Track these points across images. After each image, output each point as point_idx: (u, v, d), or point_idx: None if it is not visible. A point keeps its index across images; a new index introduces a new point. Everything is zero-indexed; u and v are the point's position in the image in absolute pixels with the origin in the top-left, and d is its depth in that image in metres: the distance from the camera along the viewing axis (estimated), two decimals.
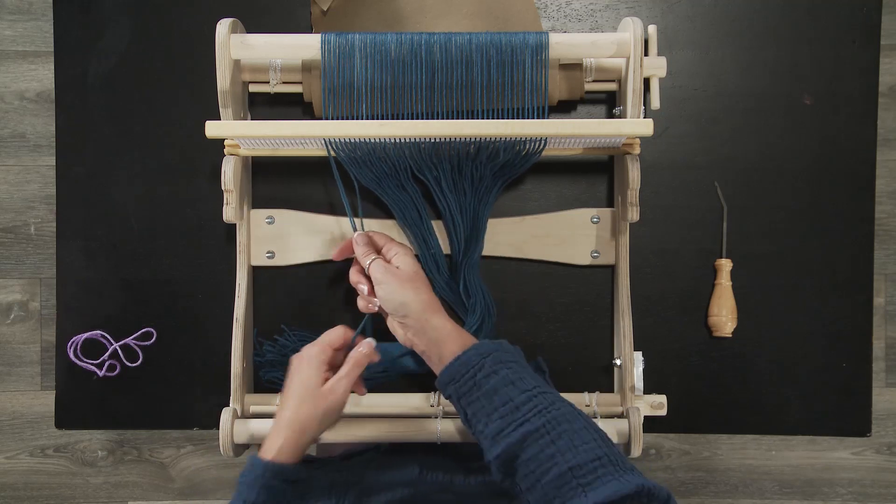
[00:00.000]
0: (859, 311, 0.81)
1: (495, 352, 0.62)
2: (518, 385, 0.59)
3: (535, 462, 0.55)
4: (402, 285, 0.66)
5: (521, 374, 0.60)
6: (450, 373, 0.62)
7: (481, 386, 0.59)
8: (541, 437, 0.55)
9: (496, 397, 0.58)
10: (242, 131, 0.69)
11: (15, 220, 1.48)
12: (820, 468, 1.51)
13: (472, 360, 0.61)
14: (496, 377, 0.59)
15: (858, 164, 0.80)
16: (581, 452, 0.54)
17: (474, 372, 0.60)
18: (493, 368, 0.60)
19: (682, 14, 0.81)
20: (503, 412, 0.57)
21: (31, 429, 1.51)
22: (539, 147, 0.73)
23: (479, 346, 0.62)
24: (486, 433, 0.58)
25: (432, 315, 0.65)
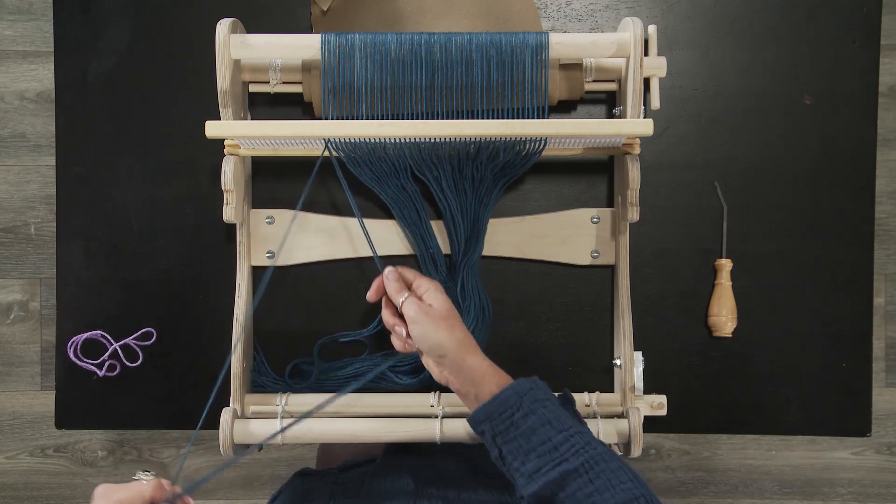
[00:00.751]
0: (859, 311, 0.81)
1: (531, 390, 0.62)
2: (555, 425, 0.59)
3: (573, 500, 0.56)
4: (436, 325, 0.65)
5: (556, 412, 0.61)
6: (486, 411, 0.62)
7: (519, 426, 0.60)
8: (579, 477, 0.56)
9: (533, 437, 0.59)
10: (242, 131, 0.69)
11: (15, 220, 1.48)
12: (820, 468, 1.52)
13: (510, 400, 0.61)
14: (534, 417, 0.60)
15: (858, 164, 0.80)
16: (619, 492, 0.55)
17: (512, 412, 0.60)
18: (530, 408, 0.60)
19: (682, 14, 0.81)
20: (541, 451, 0.58)
21: (31, 429, 1.51)
22: (539, 147, 0.73)
23: (516, 385, 0.62)
24: (523, 471, 0.59)
25: (468, 354, 0.65)
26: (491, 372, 0.64)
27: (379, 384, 0.79)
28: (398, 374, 0.79)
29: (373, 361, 0.79)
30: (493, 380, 0.63)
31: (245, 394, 0.77)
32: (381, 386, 0.79)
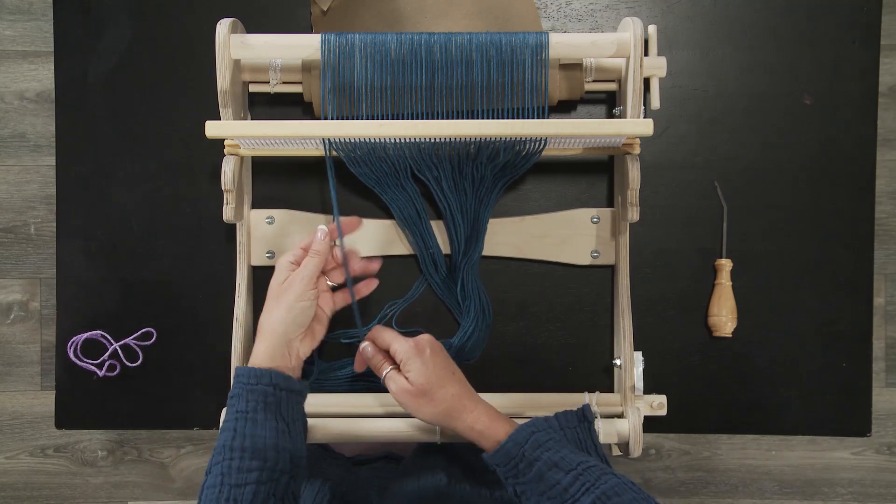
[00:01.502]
0: (859, 311, 0.81)
1: (532, 436, 0.62)
2: (562, 466, 0.59)
3: None
4: (416, 403, 0.65)
5: (561, 453, 0.60)
6: (493, 461, 0.62)
7: (525, 474, 0.60)
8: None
9: (542, 483, 0.59)
10: (242, 131, 0.69)
11: (15, 220, 1.48)
12: (820, 468, 1.51)
13: (512, 452, 0.61)
14: (538, 464, 0.60)
15: (858, 164, 0.80)
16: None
17: (515, 463, 0.61)
18: (533, 456, 0.60)
19: (682, 14, 0.81)
20: (552, 494, 0.58)
21: (31, 429, 1.51)
22: (539, 147, 0.73)
23: (514, 436, 0.62)
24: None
25: (457, 419, 0.65)
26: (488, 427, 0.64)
27: (379, 384, 0.79)
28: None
29: None
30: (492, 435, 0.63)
31: None
32: (382, 386, 0.79)
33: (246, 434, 0.58)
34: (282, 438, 0.60)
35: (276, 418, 0.60)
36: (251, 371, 0.62)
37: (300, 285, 0.65)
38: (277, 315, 0.65)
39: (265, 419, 0.59)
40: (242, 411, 0.60)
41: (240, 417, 0.59)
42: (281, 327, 0.64)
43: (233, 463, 0.57)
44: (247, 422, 0.59)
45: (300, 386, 0.64)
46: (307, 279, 0.65)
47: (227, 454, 0.58)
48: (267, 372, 0.61)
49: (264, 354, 0.63)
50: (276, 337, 0.64)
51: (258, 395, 0.60)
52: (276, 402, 0.61)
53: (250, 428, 0.59)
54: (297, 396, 0.63)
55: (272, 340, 0.64)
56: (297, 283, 0.65)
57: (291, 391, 0.62)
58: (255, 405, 0.60)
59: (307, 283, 0.65)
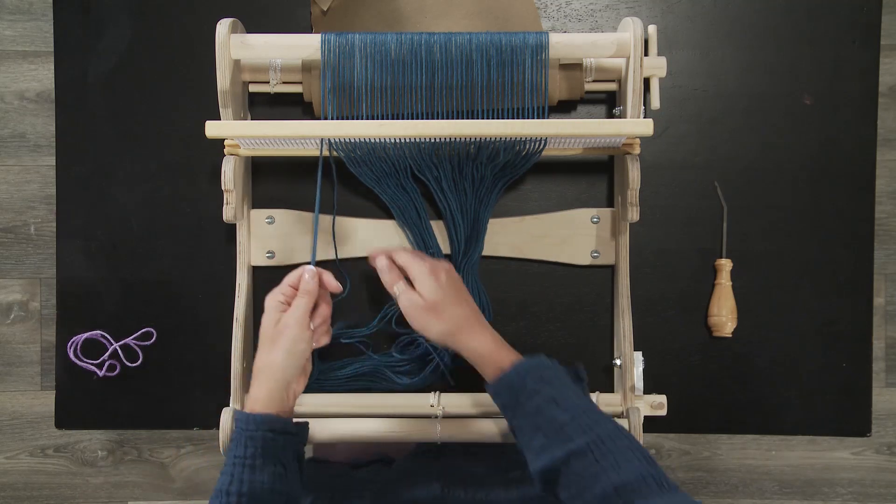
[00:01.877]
0: (859, 311, 0.81)
1: (535, 369, 0.62)
2: (561, 404, 0.59)
3: (579, 478, 0.56)
4: (426, 317, 0.66)
5: (562, 391, 0.61)
6: (493, 391, 0.63)
7: (524, 405, 0.60)
8: (585, 456, 0.56)
9: (539, 417, 0.59)
10: (242, 131, 0.69)
11: (15, 220, 1.48)
12: (820, 468, 1.51)
13: (514, 382, 0.62)
14: (538, 396, 0.60)
15: (858, 164, 0.80)
16: (624, 471, 0.55)
17: (516, 393, 0.61)
18: (534, 388, 0.61)
19: (682, 14, 0.81)
20: (547, 431, 0.58)
21: (31, 429, 1.51)
22: (539, 147, 0.73)
23: (518, 366, 0.63)
24: (531, 447, 0.59)
25: (464, 337, 0.66)
26: (493, 352, 0.65)
27: (379, 384, 0.79)
28: (398, 374, 0.79)
29: (372, 361, 0.79)
30: (495, 362, 0.64)
31: (245, 394, 0.77)
32: (381, 386, 0.79)
33: (244, 480, 0.59)
34: (279, 482, 0.60)
35: (273, 463, 0.61)
36: (249, 417, 0.62)
37: (296, 328, 0.65)
38: (276, 359, 0.65)
39: (263, 465, 0.60)
40: (241, 457, 0.60)
41: (237, 463, 0.60)
42: (280, 372, 0.65)
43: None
44: (244, 468, 0.60)
45: (297, 428, 0.65)
46: (302, 320, 0.66)
47: (224, 498, 0.59)
48: (265, 418, 0.62)
49: (265, 399, 0.63)
50: (276, 381, 0.64)
51: (257, 442, 0.61)
52: (274, 447, 0.61)
53: (248, 474, 0.59)
54: (295, 438, 0.64)
55: (272, 385, 0.64)
56: (293, 325, 0.65)
57: (290, 434, 0.63)
58: (253, 451, 0.60)
59: (303, 325, 0.66)
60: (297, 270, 0.68)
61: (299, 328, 0.65)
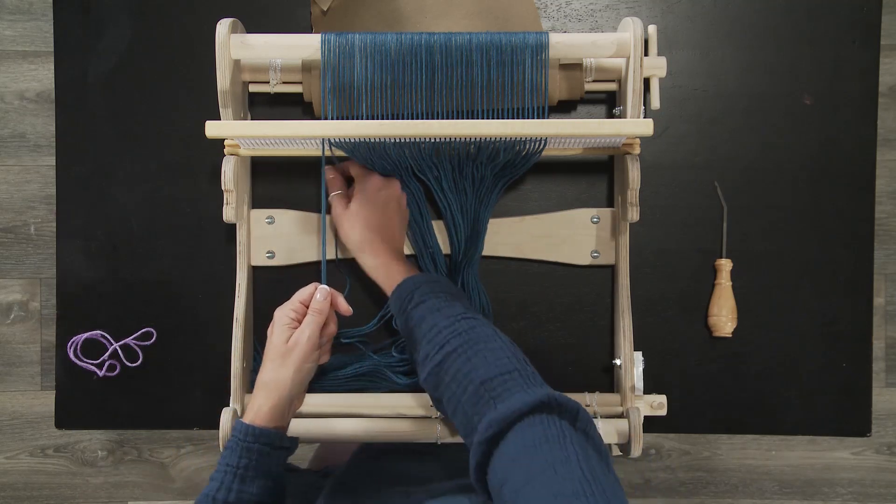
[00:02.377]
0: (859, 311, 0.81)
1: (425, 283, 0.65)
2: (443, 311, 0.62)
3: (455, 382, 0.57)
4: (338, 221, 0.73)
5: (450, 302, 0.63)
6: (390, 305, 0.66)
7: (412, 317, 0.63)
8: (458, 357, 0.57)
9: (423, 325, 0.61)
10: (242, 131, 0.69)
11: (15, 220, 1.48)
12: (820, 468, 1.52)
13: (403, 294, 0.65)
14: (423, 306, 0.63)
15: (858, 164, 0.80)
16: (493, 367, 0.56)
17: (405, 304, 0.64)
18: (420, 298, 0.63)
19: (682, 14, 0.81)
20: (429, 337, 0.60)
21: (31, 429, 1.51)
22: (539, 147, 0.73)
23: (410, 279, 0.66)
24: (417, 360, 0.61)
25: (363, 254, 0.71)
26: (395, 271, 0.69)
27: (379, 384, 0.79)
28: (398, 374, 0.79)
29: (372, 361, 0.79)
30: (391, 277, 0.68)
31: (245, 394, 0.77)
32: (381, 386, 0.79)
33: (232, 489, 0.60)
34: (266, 495, 0.61)
35: (264, 476, 0.61)
36: (249, 429, 0.62)
37: (307, 346, 0.65)
38: (285, 376, 0.65)
39: (255, 477, 0.61)
40: (233, 466, 0.61)
41: (229, 471, 0.60)
42: (287, 389, 0.65)
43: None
44: (235, 477, 0.60)
45: (290, 443, 0.65)
46: (313, 339, 0.66)
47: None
48: (264, 432, 0.62)
49: (268, 414, 0.64)
50: (281, 398, 0.65)
51: (252, 454, 0.61)
52: (268, 461, 0.62)
53: (238, 484, 0.60)
54: (288, 452, 0.64)
55: (277, 400, 0.64)
56: (304, 344, 0.65)
57: (284, 448, 0.64)
58: (247, 462, 0.61)
59: (313, 344, 0.66)
60: (308, 287, 0.69)
61: (310, 347, 0.66)
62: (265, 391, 0.65)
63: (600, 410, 0.76)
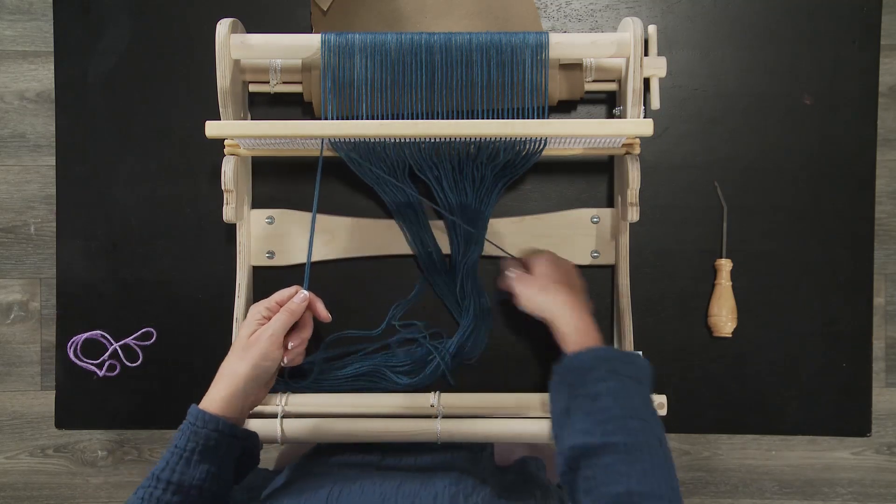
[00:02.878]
0: (859, 311, 0.81)
1: (611, 360, 0.63)
2: (619, 400, 0.61)
3: (603, 470, 0.57)
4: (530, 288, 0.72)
5: (627, 389, 0.62)
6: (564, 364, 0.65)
7: (587, 387, 0.62)
8: (618, 453, 0.57)
9: (596, 403, 0.60)
10: (242, 131, 0.69)
11: (15, 220, 1.48)
12: (820, 468, 1.52)
13: (586, 363, 0.63)
14: (603, 384, 0.61)
15: (858, 164, 0.80)
16: (647, 482, 0.56)
17: (585, 373, 0.63)
18: (602, 376, 0.62)
19: (682, 14, 0.81)
20: (596, 417, 0.60)
21: (31, 429, 1.51)
22: (539, 147, 0.73)
23: (597, 349, 0.65)
24: (573, 425, 0.60)
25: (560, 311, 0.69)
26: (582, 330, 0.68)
27: (379, 384, 0.79)
28: (398, 374, 0.79)
29: (372, 361, 0.79)
30: (583, 337, 0.67)
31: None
32: (381, 386, 0.79)
33: (176, 470, 0.60)
34: (210, 481, 0.61)
35: (210, 462, 0.61)
36: (199, 414, 0.62)
37: (267, 343, 0.66)
38: (242, 370, 0.65)
39: (199, 461, 0.61)
40: (181, 448, 0.61)
41: (175, 453, 0.61)
42: (243, 382, 0.65)
43: (155, 493, 0.59)
44: (181, 459, 0.60)
45: (244, 433, 0.65)
46: (276, 336, 0.66)
47: (153, 482, 0.59)
48: (215, 419, 0.62)
49: (220, 402, 0.64)
50: (235, 389, 0.65)
51: (200, 439, 0.61)
52: (215, 447, 0.62)
53: (182, 466, 0.60)
54: (238, 443, 0.64)
55: (231, 391, 0.65)
56: (265, 340, 0.66)
57: (234, 437, 0.63)
58: (194, 446, 0.61)
59: (275, 341, 0.66)
60: (288, 289, 0.69)
61: (270, 344, 0.66)
62: (222, 381, 0.65)
63: None
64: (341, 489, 0.62)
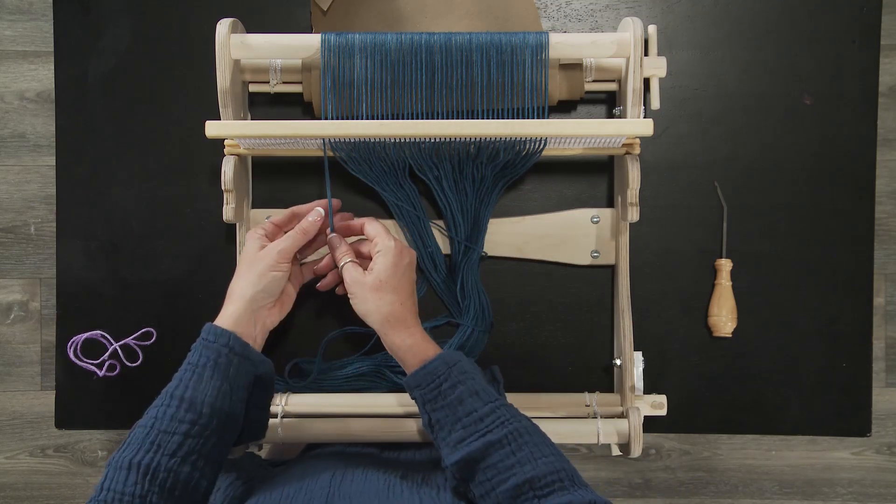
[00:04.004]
0: (859, 311, 0.81)
1: (458, 363, 0.63)
2: (482, 396, 0.61)
3: (494, 470, 0.57)
4: (364, 296, 0.66)
5: (483, 385, 0.62)
6: (416, 379, 0.63)
7: (447, 395, 0.61)
8: (502, 448, 0.57)
9: (460, 407, 0.60)
10: (242, 131, 0.69)
11: (15, 220, 1.48)
12: (820, 468, 1.51)
13: (439, 370, 0.62)
14: (461, 387, 0.61)
15: (858, 164, 0.80)
16: (540, 465, 0.56)
17: (440, 381, 0.61)
18: (458, 379, 0.61)
19: (682, 14, 0.81)
20: (466, 422, 0.59)
21: (31, 429, 1.51)
22: (539, 147, 0.73)
23: (444, 355, 0.63)
24: (449, 441, 0.60)
25: (391, 331, 0.66)
26: (417, 343, 0.65)
27: (379, 384, 0.79)
28: (398, 374, 0.79)
29: (372, 361, 0.79)
30: (418, 355, 0.64)
31: None
32: (381, 386, 0.79)
33: (189, 386, 0.59)
34: (221, 399, 0.60)
35: (221, 379, 0.60)
36: (211, 329, 0.63)
37: (276, 256, 0.66)
38: (248, 280, 0.66)
39: (211, 376, 0.60)
40: (193, 364, 0.61)
41: (188, 369, 0.61)
42: (250, 293, 0.65)
43: (168, 410, 0.58)
44: (193, 374, 0.60)
45: (257, 356, 0.64)
46: (285, 251, 0.67)
47: (167, 400, 0.59)
48: (226, 333, 0.62)
49: (230, 317, 0.64)
50: (244, 302, 0.65)
51: (212, 353, 0.61)
52: (227, 363, 0.61)
53: (195, 382, 0.60)
54: (251, 366, 0.63)
55: (239, 305, 0.65)
56: (274, 253, 0.66)
57: (245, 358, 0.63)
58: (205, 361, 0.61)
59: (284, 256, 0.67)
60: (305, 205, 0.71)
61: (279, 257, 0.66)
62: (230, 300, 0.66)
63: (600, 410, 0.76)
64: (344, 474, 0.62)
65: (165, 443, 0.57)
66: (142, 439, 0.57)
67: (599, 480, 1.51)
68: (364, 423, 0.74)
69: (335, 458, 0.68)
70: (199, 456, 0.58)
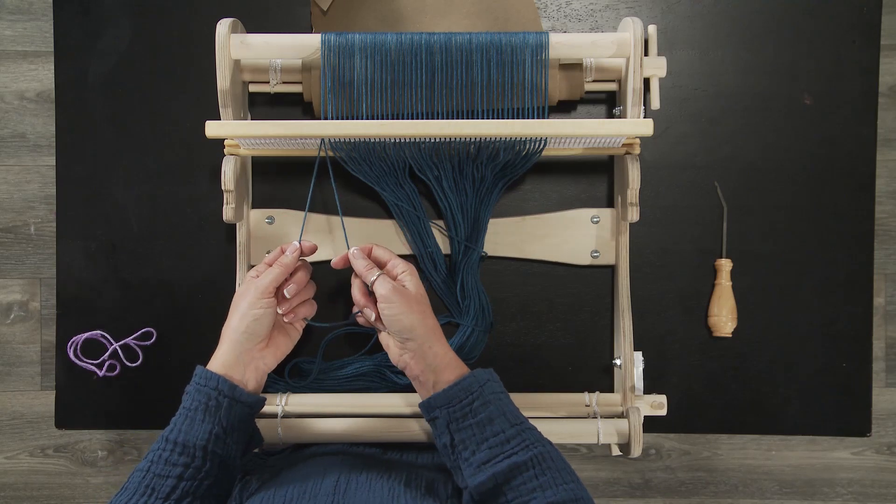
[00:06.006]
0: (859, 310, 0.81)
1: (489, 381, 0.63)
2: (509, 418, 0.61)
3: (515, 493, 0.57)
4: (410, 307, 0.65)
5: (510, 406, 0.62)
6: (447, 396, 0.62)
7: (477, 413, 0.61)
8: (526, 471, 0.58)
9: (489, 427, 0.60)
10: (242, 131, 0.69)
11: (15, 220, 1.48)
12: (820, 468, 1.52)
13: (472, 387, 0.62)
14: (491, 407, 0.61)
15: (858, 164, 0.80)
16: (561, 492, 0.57)
17: (472, 399, 0.61)
18: (489, 398, 0.61)
19: (682, 14, 0.81)
20: (493, 443, 0.59)
21: (31, 429, 1.51)
22: (539, 147, 0.73)
23: (478, 373, 0.63)
24: (472, 461, 0.60)
25: (436, 342, 0.65)
26: (455, 363, 0.65)
27: (379, 384, 0.79)
28: (398, 373, 0.79)
29: (372, 361, 0.79)
30: (455, 370, 0.64)
31: None
32: (381, 386, 0.79)
33: (182, 430, 0.60)
34: (214, 442, 0.60)
35: (213, 422, 0.61)
36: (202, 372, 0.63)
37: (254, 293, 0.66)
38: (232, 323, 0.66)
39: (202, 420, 0.61)
40: (186, 408, 0.62)
41: (182, 413, 0.62)
42: (235, 335, 0.66)
43: (163, 454, 0.59)
44: (185, 419, 0.61)
45: (248, 398, 0.64)
46: (262, 288, 0.66)
47: (162, 444, 0.60)
48: (215, 377, 0.63)
49: (220, 361, 0.65)
50: (231, 345, 0.66)
51: (202, 396, 0.62)
52: (216, 406, 0.62)
53: (187, 425, 0.60)
54: (243, 407, 0.63)
55: (226, 348, 0.66)
56: (252, 291, 0.66)
57: (236, 400, 0.63)
58: (196, 405, 0.61)
59: (261, 292, 0.66)
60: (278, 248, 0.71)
61: (257, 293, 0.66)
62: (221, 342, 0.67)
63: (600, 410, 0.76)
64: (349, 480, 0.62)
65: (159, 487, 0.58)
66: (137, 483, 0.58)
67: (599, 480, 1.51)
68: (364, 423, 0.74)
69: (338, 460, 0.68)
70: (195, 498, 0.59)
